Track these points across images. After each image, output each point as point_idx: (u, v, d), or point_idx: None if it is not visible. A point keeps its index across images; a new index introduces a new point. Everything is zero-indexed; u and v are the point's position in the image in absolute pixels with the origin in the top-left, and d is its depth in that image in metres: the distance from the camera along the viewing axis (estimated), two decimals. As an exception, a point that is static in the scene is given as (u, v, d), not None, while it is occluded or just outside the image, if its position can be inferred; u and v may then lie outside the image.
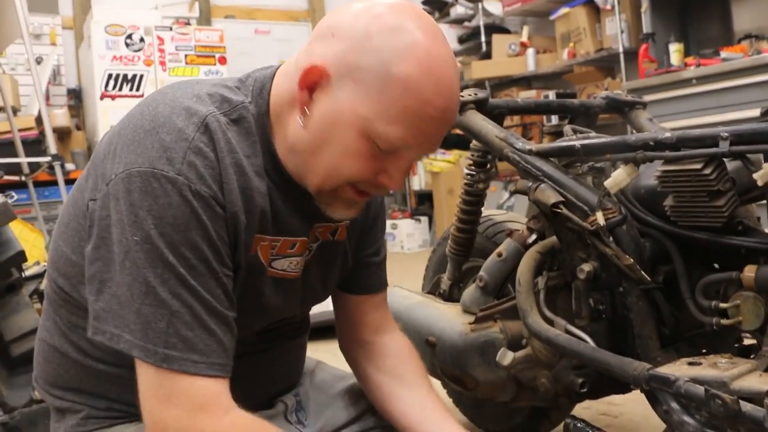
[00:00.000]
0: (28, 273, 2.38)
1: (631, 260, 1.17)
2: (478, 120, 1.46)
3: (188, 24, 5.85)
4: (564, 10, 5.13)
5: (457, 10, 6.13)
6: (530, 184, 1.32)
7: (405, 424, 1.07)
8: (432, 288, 1.83)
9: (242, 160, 0.88)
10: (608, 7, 4.71)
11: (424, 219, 6.47)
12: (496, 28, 5.96)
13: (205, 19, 6.45)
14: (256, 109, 0.92)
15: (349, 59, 0.84)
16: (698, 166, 1.09)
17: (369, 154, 0.86)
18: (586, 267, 1.23)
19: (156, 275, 0.80)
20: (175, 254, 0.81)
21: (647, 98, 3.68)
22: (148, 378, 0.82)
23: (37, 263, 2.67)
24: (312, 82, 0.85)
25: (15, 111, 4.78)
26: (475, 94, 1.50)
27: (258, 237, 0.92)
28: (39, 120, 4.85)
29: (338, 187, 0.90)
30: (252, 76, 0.96)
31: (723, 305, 1.11)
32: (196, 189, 0.82)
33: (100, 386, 0.95)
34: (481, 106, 1.50)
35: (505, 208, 4.72)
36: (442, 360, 1.51)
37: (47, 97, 5.44)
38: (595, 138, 1.35)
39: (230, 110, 0.90)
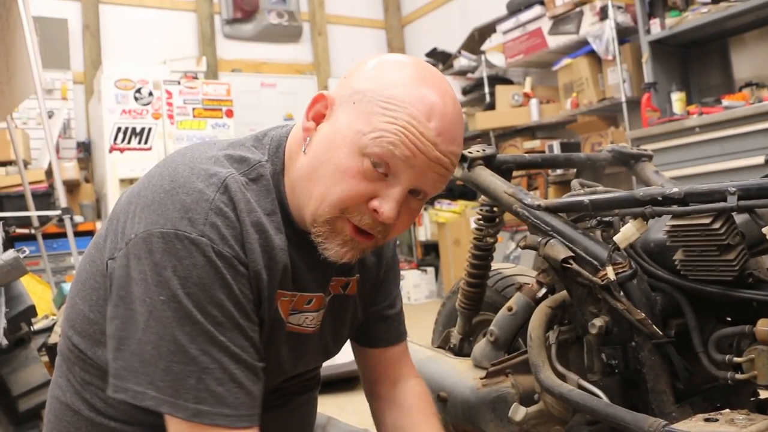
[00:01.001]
0: (36, 327, 2.38)
1: (643, 314, 1.17)
2: (486, 176, 1.48)
3: (196, 78, 5.95)
4: (566, 60, 5.21)
5: (461, 62, 6.23)
6: (540, 239, 1.32)
7: None
8: (442, 342, 1.82)
9: (262, 218, 0.90)
10: (609, 57, 4.78)
11: (431, 270, 6.45)
12: (499, 79, 6.04)
13: (212, 73, 6.57)
14: (272, 168, 0.95)
15: (352, 85, 0.90)
16: (707, 220, 1.10)
17: (361, 173, 0.87)
18: (598, 322, 1.23)
19: (185, 333, 0.82)
20: (203, 312, 0.82)
21: (651, 147, 3.77)
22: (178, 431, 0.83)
23: (46, 317, 2.67)
24: (318, 113, 0.91)
25: (26, 164, 4.84)
26: (483, 150, 1.52)
27: (279, 292, 0.94)
28: (49, 173, 4.92)
29: (334, 218, 0.90)
30: (269, 134, 0.99)
31: (737, 359, 1.10)
32: (219, 249, 0.83)
33: None
34: (489, 161, 1.52)
35: (512, 259, 4.71)
36: (454, 415, 1.49)
37: (57, 150, 5.51)
38: (603, 193, 1.36)
39: (249, 170, 0.92)
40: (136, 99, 5.51)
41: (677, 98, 4.20)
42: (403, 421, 1.14)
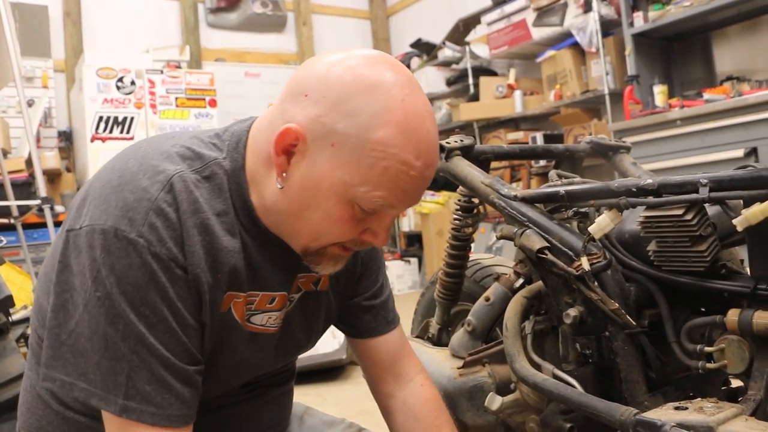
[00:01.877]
0: (15, 317, 2.36)
1: (617, 305, 1.18)
2: (464, 166, 1.48)
3: (179, 67, 5.89)
4: (550, 52, 5.22)
5: (445, 53, 6.22)
6: (516, 229, 1.33)
7: None
8: (420, 332, 1.82)
9: (209, 218, 0.87)
10: (593, 50, 4.79)
11: (414, 260, 6.46)
12: (483, 70, 6.04)
13: (195, 62, 6.52)
14: (231, 165, 0.91)
15: (326, 122, 0.83)
16: (679, 212, 1.11)
17: (352, 217, 0.87)
18: (572, 312, 1.24)
19: (116, 331, 0.81)
20: (136, 313, 0.82)
21: (633, 139, 3.80)
22: (110, 424, 0.85)
23: (25, 307, 2.65)
24: (288, 145, 0.85)
25: (5, 153, 4.78)
26: (461, 141, 1.52)
27: (230, 294, 0.92)
28: (29, 162, 4.87)
29: (323, 247, 0.91)
30: (229, 129, 0.96)
31: (708, 349, 1.12)
32: (155, 251, 0.82)
33: None
34: (467, 152, 1.52)
35: (494, 250, 4.73)
36: (431, 405, 1.50)
37: (38, 140, 5.46)
38: (579, 184, 1.37)
39: (202, 167, 0.90)
40: (118, 88, 5.46)
41: (659, 91, 4.23)
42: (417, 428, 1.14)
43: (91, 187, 0.88)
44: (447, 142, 1.51)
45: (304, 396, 2.82)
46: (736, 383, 1.28)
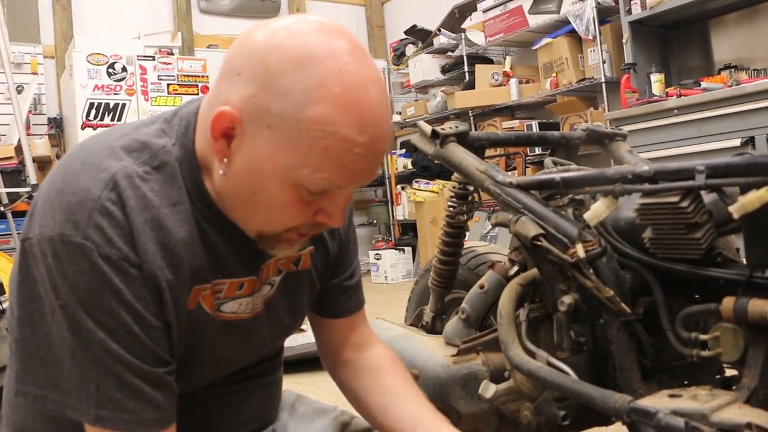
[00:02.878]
0: (6, 305, 2.35)
1: (611, 292, 1.17)
2: (459, 153, 1.46)
3: (171, 53, 5.85)
4: (546, 40, 5.20)
5: (440, 40, 6.20)
6: (511, 216, 1.32)
7: None
8: (414, 320, 1.82)
9: (162, 212, 0.84)
10: (590, 37, 4.78)
11: (408, 249, 6.46)
12: (479, 58, 6.02)
13: (187, 48, 6.48)
14: (181, 151, 0.87)
15: (259, 103, 0.78)
16: (675, 199, 1.10)
17: (299, 200, 0.82)
18: (567, 299, 1.23)
19: (80, 340, 0.80)
20: (94, 320, 0.79)
21: (629, 128, 3.79)
22: None
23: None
24: (225, 129, 0.80)
25: (-5, 140, 4.75)
26: (456, 127, 1.50)
27: (197, 289, 0.89)
28: (19, 149, 4.83)
29: (279, 233, 0.87)
30: (179, 113, 0.92)
31: (703, 337, 1.11)
32: (104, 253, 0.79)
33: None
34: (462, 139, 1.51)
35: (489, 238, 4.73)
36: (425, 392, 1.49)
37: (27, 127, 5.41)
38: (574, 171, 1.36)
39: (150, 157, 0.86)
40: (109, 74, 5.41)
41: (656, 79, 4.22)
42: (380, 381, 1.11)
43: (40, 193, 0.86)
44: (442, 128, 1.50)
45: (297, 384, 2.81)
46: (730, 372, 1.28)
